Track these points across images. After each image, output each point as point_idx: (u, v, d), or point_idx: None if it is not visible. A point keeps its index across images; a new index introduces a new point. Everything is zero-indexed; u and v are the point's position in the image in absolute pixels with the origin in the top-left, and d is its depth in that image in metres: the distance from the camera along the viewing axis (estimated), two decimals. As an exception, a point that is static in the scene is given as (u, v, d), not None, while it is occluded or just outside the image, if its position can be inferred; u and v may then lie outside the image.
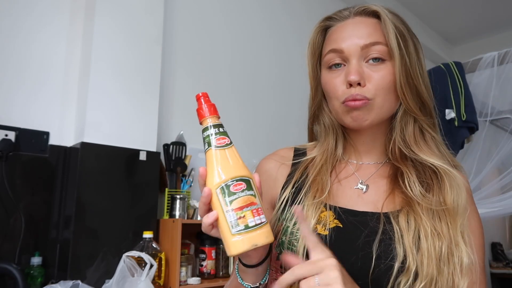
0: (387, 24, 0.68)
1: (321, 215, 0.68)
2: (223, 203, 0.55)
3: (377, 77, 0.68)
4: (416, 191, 0.67)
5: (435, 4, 3.65)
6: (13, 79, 1.58)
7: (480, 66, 2.26)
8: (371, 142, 0.76)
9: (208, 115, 0.59)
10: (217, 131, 0.59)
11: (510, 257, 4.31)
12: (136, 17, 1.80)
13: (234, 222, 0.54)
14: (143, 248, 1.53)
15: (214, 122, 0.59)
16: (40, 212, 1.55)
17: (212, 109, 0.60)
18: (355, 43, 0.69)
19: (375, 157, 0.77)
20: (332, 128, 0.77)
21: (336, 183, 0.74)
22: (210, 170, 0.57)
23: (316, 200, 0.69)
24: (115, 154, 1.64)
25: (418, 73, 0.70)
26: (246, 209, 0.54)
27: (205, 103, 0.60)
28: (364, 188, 0.73)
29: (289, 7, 2.77)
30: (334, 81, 0.71)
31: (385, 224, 0.65)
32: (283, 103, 2.55)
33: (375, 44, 0.68)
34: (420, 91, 0.70)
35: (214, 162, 0.57)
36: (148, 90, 1.80)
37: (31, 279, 1.44)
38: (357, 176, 0.75)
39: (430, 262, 0.61)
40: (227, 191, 0.55)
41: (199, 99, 0.61)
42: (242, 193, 0.55)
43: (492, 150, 2.30)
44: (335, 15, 0.75)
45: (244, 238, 0.54)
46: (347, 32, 0.71)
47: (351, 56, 0.69)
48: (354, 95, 0.67)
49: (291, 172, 0.77)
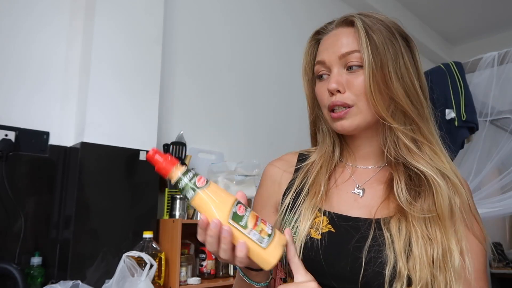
0: (360, 33, 0.70)
1: (315, 220, 0.70)
2: (242, 228, 0.57)
3: (356, 83, 0.71)
4: (403, 197, 0.68)
5: (435, 4, 3.65)
6: (13, 79, 1.58)
7: (480, 66, 2.26)
8: (368, 146, 0.77)
9: (172, 167, 0.58)
10: (191, 175, 0.59)
11: (510, 257, 4.31)
12: (136, 17, 1.80)
13: (260, 238, 0.57)
14: (143, 248, 1.53)
15: (182, 170, 0.59)
16: (40, 212, 1.55)
17: (171, 160, 0.59)
18: (334, 53, 0.73)
19: (372, 161, 0.78)
20: (329, 133, 0.80)
21: (333, 187, 0.76)
22: (210, 211, 0.58)
23: (312, 203, 0.71)
24: (115, 154, 1.64)
25: (393, 77, 0.70)
26: (259, 222, 0.58)
27: (162, 158, 0.58)
28: (360, 193, 0.74)
29: (289, 7, 2.77)
30: (321, 90, 0.75)
31: (376, 230, 0.66)
32: (284, 103, 2.55)
33: (352, 52, 0.71)
34: (396, 98, 0.70)
35: (210, 201, 0.58)
36: (148, 90, 1.80)
37: (31, 279, 1.44)
38: (354, 180, 0.76)
39: (422, 267, 0.61)
40: (238, 217, 0.58)
41: (152, 158, 0.59)
42: (247, 212, 0.58)
43: (492, 150, 2.30)
44: (322, 28, 0.79)
45: (273, 245, 0.58)
46: (328, 43, 0.75)
47: (332, 66, 0.73)
48: (334, 102, 0.71)
49: (293, 178, 0.79)
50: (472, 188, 2.21)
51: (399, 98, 0.70)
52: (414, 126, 0.72)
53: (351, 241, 0.66)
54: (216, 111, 2.22)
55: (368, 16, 0.73)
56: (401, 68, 0.71)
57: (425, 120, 0.73)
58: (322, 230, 0.68)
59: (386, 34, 0.71)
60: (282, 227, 0.73)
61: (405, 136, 0.71)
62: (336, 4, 3.03)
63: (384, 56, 0.69)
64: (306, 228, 0.68)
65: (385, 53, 0.70)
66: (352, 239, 0.67)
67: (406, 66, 0.72)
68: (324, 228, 0.69)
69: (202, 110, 2.16)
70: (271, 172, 0.82)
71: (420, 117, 0.72)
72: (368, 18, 0.73)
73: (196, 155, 1.99)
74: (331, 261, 0.65)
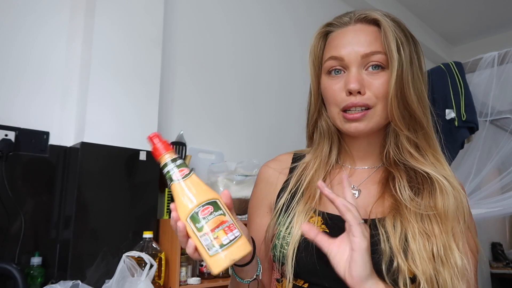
0: (387, 34, 0.68)
1: (310, 220, 0.70)
2: (196, 230, 0.58)
3: (377, 84, 0.69)
4: (405, 194, 0.68)
5: (435, 4, 3.65)
6: (13, 79, 1.58)
7: (480, 66, 2.26)
8: (367, 147, 0.77)
9: (164, 152, 0.63)
10: (176, 164, 0.62)
11: (510, 257, 4.31)
12: (136, 17, 1.80)
13: (210, 244, 0.58)
14: (143, 248, 1.53)
15: (171, 157, 0.62)
16: (40, 212, 1.54)
17: (166, 146, 0.63)
18: (355, 51, 0.69)
19: (369, 162, 0.78)
20: (328, 133, 0.77)
21: (328, 188, 0.75)
22: (178, 203, 0.60)
23: (307, 206, 0.71)
24: (115, 154, 1.64)
25: (410, 83, 0.69)
26: (218, 230, 0.58)
27: (159, 142, 0.63)
28: (356, 194, 0.74)
29: (290, 7, 2.77)
30: (333, 88, 0.71)
31: (371, 230, 0.66)
32: (284, 103, 2.55)
33: (375, 53, 0.69)
34: (412, 103, 0.69)
35: (179, 194, 0.60)
36: (148, 90, 1.80)
37: (31, 279, 1.44)
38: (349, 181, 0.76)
39: (423, 261, 0.61)
40: (196, 218, 0.58)
41: (152, 139, 0.64)
42: (210, 216, 0.58)
43: (492, 150, 2.30)
44: (336, 21, 0.75)
45: (222, 256, 0.58)
46: (347, 40, 0.71)
47: (351, 64, 0.69)
48: (354, 102, 0.68)
49: (288, 178, 0.78)
50: (472, 188, 2.21)
51: (414, 104, 0.69)
52: (421, 133, 0.71)
53: None
54: (216, 111, 2.22)
55: (388, 16, 0.72)
56: (414, 74, 0.70)
57: (431, 127, 0.72)
58: None
59: (403, 36, 0.70)
60: (276, 228, 0.73)
61: (409, 143, 0.71)
62: (336, 5, 3.03)
63: (405, 60, 0.68)
64: (300, 230, 0.67)
65: (404, 57, 0.69)
66: None
67: (417, 71, 0.71)
68: (318, 229, 0.69)
69: (202, 110, 2.16)
70: (266, 173, 0.82)
71: (428, 124, 0.72)
72: (389, 19, 0.71)
73: (196, 155, 1.99)
74: (325, 262, 0.65)
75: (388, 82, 0.68)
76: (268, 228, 0.75)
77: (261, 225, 0.78)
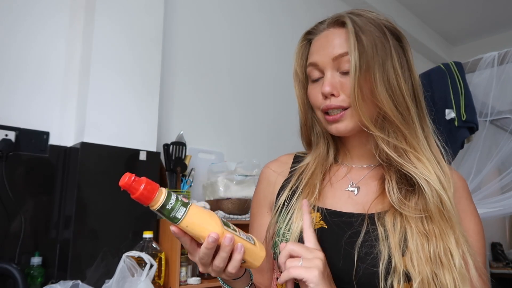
0: (349, 36, 0.68)
1: None
2: (234, 232, 0.60)
3: (348, 85, 0.69)
4: (394, 197, 0.68)
5: (435, 4, 3.65)
6: (13, 79, 1.58)
7: (480, 66, 2.26)
8: (362, 145, 0.77)
9: (156, 193, 0.54)
10: (175, 197, 0.55)
11: (510, 257, 4.31)
12: (136, 17, 1.80)
13: (247, 236, 0.61)
14: (143, 248, 1.53)
15: (165, 194, 0.54)
16: (40, 212, 1.54)
17: (153, 186, 0.54)
18: (326, 55, 0.71)
19: (367, 160, 0.78)
20: (323, 134, 0.80)
21: (328, 185, 0.76)
22: (206, 224, 0.56)
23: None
24: (115, 154, 1.64)
25: (378, 81, 0.68)
26: (242, 234, 0.62)
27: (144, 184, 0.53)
28: (355, 191, 0.74)
29: (289, 8, 2.77)
30: (314, 92, 0.74)
31: (369, 225, 0.66)
32: (284, 103, 2.55)
33: (345, 54, 0.69)
34: (380, 103, 0.68)
35: (203, 215, 0.57)
36: (148, 90, 1.80)
37: (31, 279, 1.44)
38: (348, 178, 0.77)
39: (420, 262, 0.61)
40: (226, 224, 0.59)
41: (129, 185, 0.52)
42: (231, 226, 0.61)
43: (492, 150, 2.30)
44: (314, 28, 0.77)
45: (256, 241, 0.62)
46: (320, 44, 0.73)
47: (325, 68, 0.71)
48: (329, 105, 0.70)
49: (288, 177, 0.80)
50: (472, 188, 2.21)
51: (383, 103, 0.68)
52: (397, 132, 0.70)
53: (343, 236, 0.66)
54: (216, 111, 2.22)
55: (359, 15, 0.71)
56: (388, 72, 0.69)
57: (410, 125, 0.70)
58: (315, 227, 0.69)
59: (377, 34, 0.69)
60: (276, 226, 0.73)
61: (386, 144, 0.70)
62: (336, 5, 3.03)
63: (371, 59, 0.67)
64: (299, 226, 0.68)
65: (373, 56, 0.68)
66: (345, 235, 0.66)
67: (394, 68, 0.69)
68: (317, 225, 0.69)
69: (202, 110, 2.16)
70: (267, 174, 0.83)
71: (405, 122, 0.70)
72: (359, 18, 0.71)
73: (196, 155, 1.99)
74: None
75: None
76: (268, 227, 0.75)
77: (263, 225, 0.79)
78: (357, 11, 0.73)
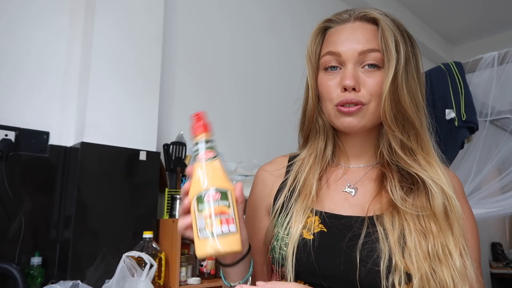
0: (385, 33, 0.68)
1: (307, 220, 0.70)
2: (196, 210, 0.60)
3: (371, 82, 0.69)
4: (397, 195, 0.68)
5: (435, 4, 3.65)
6: (12, 79, 1.58)
7: (480, 66, 2.26)
8: (361, 145, 0.77)
9: (201, 131, 0.64)
10: (206, 145, 0.63)
11: (510, 257, 4.31)
12: (136, 17, 1.80)
13: (203, 227, 0.58)
14: (143, 248, 1.53)
15: (206, 138, 0.64)
16: (40, 212, 1.54)
17: (206, 126, 0.64)
18: (353, 48, 0.70)
19: (364, 160, 0.78)
20: (324, 129, 0.77)
21: (325, 187, 0.75)
22: (193, 181, 0.62)
23: (304, 205, 0.71)
24: (115, 154, 1.64)
25: (404, 83, 0.69)
26: (216, 217, 0.58)
27: (201, 120, 0.65)
28: (352, 192, 0.74)
29: (289, 7, 2.77)
30: (329, 83, 0.72)
31: (369, 227, 0.66)
32: (284, 103, 2.55)
33: (372, 51, 0.69)
34: (404, 104, 0.69)
35: (197, 173, 0.62)
36: (148, 90, 1.80)
37: (31, 279, 1.44)
38: (345, 180, 0.76)
39: (418, 259, 0.61)
40: (201, 200, 0.59)
41: (196, 116, 0.65)
42: (215, 202, 0.59)
43: (492, 150, 2.30)
44: (335, 17, 0.75)
45: (209, 242, 0.58)
46: (345, 36, 0.71)
47: (348, 61, 0.70)
48: (348, 99, 0.69)
49: (285, 179, 0.78)
50: (472, 188, 2.21)
51: (407, 104, 0.69)
52: (412, 133, 0.70)
53: (343, 239, 0.66)
54: (216, 111, 2.22)
55: (387, 16, 0.72)
56: (409, 74, 0.70)
57: (424, 129, 0.72)
58: (314, 230, 0.68)
59: (400, 36, 0.70)
60: (274, 229, 0.72)
61: (401, 145, 0.70)
62: (336, 4, 3.03)
63: (401, 60, 0.68)
64: (298, 230, 0.67)
65: (401, 57, 0.68)
66: (345, 238, 0.66)
67: (413, 72, 0.71)
68: (316, 228, 0.68)
69: (202, 110, 2.15)
70: (263, 176, 0.82)
71: (421, 125, 0.71)
72: (387, 18, 0.71)
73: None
74: (324, 261, 0.64)
75: (382, 81, 0.69)
76: (267, 231, 0.74)
77: (259, 228, 0.77)
78: (380, 10, 0.73)
